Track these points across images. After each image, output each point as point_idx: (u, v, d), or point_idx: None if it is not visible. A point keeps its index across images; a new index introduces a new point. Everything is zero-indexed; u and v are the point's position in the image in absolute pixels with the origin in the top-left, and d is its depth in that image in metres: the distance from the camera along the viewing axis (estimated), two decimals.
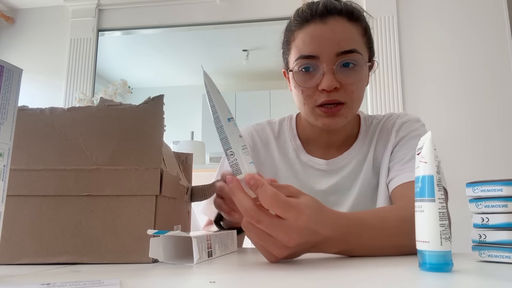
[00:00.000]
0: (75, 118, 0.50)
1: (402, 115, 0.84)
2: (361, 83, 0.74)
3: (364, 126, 0.85)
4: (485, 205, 0.46)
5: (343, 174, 0.81)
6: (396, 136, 0.79)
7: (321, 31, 0.72)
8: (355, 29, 0.74)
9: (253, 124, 0.92)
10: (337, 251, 0.50)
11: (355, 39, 0.73)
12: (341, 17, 0.72)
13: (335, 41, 0.71)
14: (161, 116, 0.50)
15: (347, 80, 0.72)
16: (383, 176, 0.78)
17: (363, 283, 0.34)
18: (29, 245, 0.46)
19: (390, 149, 0.79)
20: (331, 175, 0.82)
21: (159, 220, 0.48)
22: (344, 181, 0.81)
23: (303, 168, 0.84)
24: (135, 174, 0.47)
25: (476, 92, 2.30)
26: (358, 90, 0.74)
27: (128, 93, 3.05)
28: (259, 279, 0.37)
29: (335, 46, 0.71)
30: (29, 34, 2.99)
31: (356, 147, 0.83)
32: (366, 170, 0.81)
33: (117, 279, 0.34)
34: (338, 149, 0.84)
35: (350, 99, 0.73)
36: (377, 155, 0.81)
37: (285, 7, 2.60)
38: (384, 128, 0.83)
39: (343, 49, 0.71)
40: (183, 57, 4.18)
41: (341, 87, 0.72)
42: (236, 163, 0.45)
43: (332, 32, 0.71)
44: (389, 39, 2.42)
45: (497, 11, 2.35)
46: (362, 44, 0.75)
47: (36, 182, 0.47)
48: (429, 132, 0.43)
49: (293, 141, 0.87)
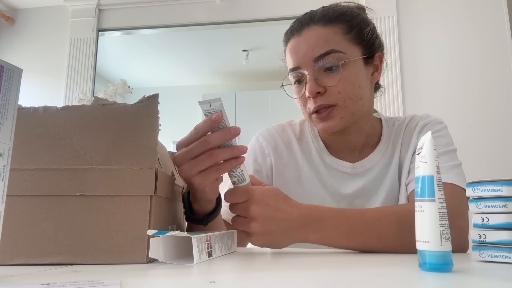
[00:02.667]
0: (69, 117, 0.49)
1: (424, 116, 0.83)
2: (348, 81, 0.73)
3: (386, 128, 0.84)
4: (485, 205, 0.45)
5: (370, 177, 0.81)
6: (418, 138, 0.79)
7: (297, 43, 0.76)
8: (331, 30, 0.75)
9: (273, 125, 0.92)
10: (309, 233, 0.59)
11: (331, 40, 0.74)
12: (315, 25, 0.75)
13: (309, 48, 0.74)
14: (156, 115, 0.49)
15: (330, 82, 0.73)
16: (403, 178, 0.78)
17: (363, 283, 0.34)
18: (22, 246, 0.45)
19: (411, 151, 0.79)
20: (357, 178, 0.81)
21: (154, 220, 0.47)
22: (370, 184, 0.80)
23: (328, 170, 0.83)
24: (129, 174, 0.47)
25: (476, 92, 2.29)
26: (347, 89, 0.73)
27: (128, 93, 3.05)
28: (259, 279, 0.37)
29: (310, 52, 0.74)
30: (29, 34, 2.99)
31: (380, 150, 0.82)
32: (392, 174, 0.80)
33: (117, 279, 0.34)
34: (360, 151, 0.83)
35: (340, 100, 0.73)
36: (402, 159, 0.81)
37: (285, 7, 2.60)
38: (408, 131, 0.82)
39: (318, 53, 0.73)
40: (183, 57, 4.18)
41: (326, 91, 0.73)
42: (242, 173, 0.56)
43: (306, 41, 0.75)
44: (389, 39, 2.41)
45: (497, 11, 2.34)
46: (343, 42, 0.74)
47: (29, 181, 0.46)
48: (429, 133, 0.43)
49: (315, 142, 0.86)
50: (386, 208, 0.67)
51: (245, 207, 0.56)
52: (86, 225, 0.46)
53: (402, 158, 0.80)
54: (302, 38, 0.76)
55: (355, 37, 0.76)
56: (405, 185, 0.77)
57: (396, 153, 0.81)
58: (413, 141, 0.80)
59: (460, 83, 2.31)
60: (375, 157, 0.82)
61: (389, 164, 0.81)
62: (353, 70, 0.74)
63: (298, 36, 0.76)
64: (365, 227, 0.60)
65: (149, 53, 4.03)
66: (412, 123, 0.83)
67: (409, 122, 0.84)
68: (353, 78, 0.74)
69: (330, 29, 0.75)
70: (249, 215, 0.56)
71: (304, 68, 0.74)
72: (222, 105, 0.51)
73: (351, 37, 0.75)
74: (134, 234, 0.45)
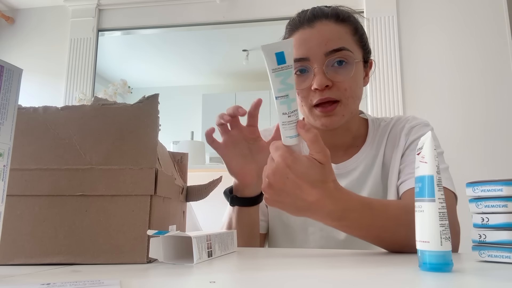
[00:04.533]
0: (69, 117, 0.49)
1: (411, 118, 0.83)
2: (354, 80, 0.75)
3: (372, 129, 0.85)
4: (485, 205, 0.45)
5: (352, 177, 0.81)
6: (406, 140, 0.79)
7: (309, 34, 0.75)
8: (343, 29, 0.76)
9: (260, 130, 0.92)
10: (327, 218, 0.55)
11: (343, 38, 0.75)
12: (328, 20, 0.76)
13: (323, 41, 0.74)
14: (156, 115, 0.49)
15: (339, 78, 0.73)
16: (393, 179, 0.78)
17: (363, 283, 0.34)
18: (22, 246, 0.45)
19: (399, 153, 0.79)
20: (340, 179, 0.81)
21: (153, 220, 0.47)
22: (353, 184, 0.81)
23: None
24: (129, 174, 0.47)
25: (476, 92, 2.29)
26: (352, 88, 0.74)
27: (128, 93, 3.05)
28: (259, 279, 0.37)
29: (323, 46, 0.73)
30: (29, 34, 2.98)
31: (365, 150, 0.83)
32: (375, 174, 0.80)
33: (117, 279, 0.34)
34: (345, 151, 0.84)
35: (344, 97, 0.74)
36: (386, 159, 0.81)
37: (285, 7, 2.60)
38: (394, 132, 0.83)
39: (331, 48, 0.73)
40: (183, 57, 4.18)
41: (333, 85, 0.74)
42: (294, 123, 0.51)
43: (319, 34, 0.75)
44: (389, 39, 2.41)
45: (497, 11, 2.34)
46: (352, 43, 0.76)
47: (29, 181, 0.46)
48: (429, 133, 0.43)
49: None
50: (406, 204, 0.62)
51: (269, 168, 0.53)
52: (86, 225, 0.46)
53: (387, 159, 0.81)
54: (315, 30, 0.75)
55: (359, 40, 0.78)
56: (395, 187, 0.77)
57: (380, 153, 0.82)
58: (400, 142, 0.80)
59: (460, 83, 2.31)
60: (358, 158, 0.82)
61: (373, 164, 0.81)
62: (358, 70, 0.76)
63: (310, 28, 0.76)
64: (384, 223, 0.58)
65: (149, 53, 4.02)
66: (398, 124, 0.83)
67: (395, 124, 0.84)
68: (358, 78, 0.76)
69: (342, 27, 0.76)
70: (268, 179, 0.53)
71: (313, 60, 0.74)
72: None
73: (356, 39, 0.78)
74: (134, 234, 0.45)
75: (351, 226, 0.58)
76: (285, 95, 0.49)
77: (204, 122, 4.48)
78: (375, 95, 2.36)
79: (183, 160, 0.68)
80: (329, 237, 0.79)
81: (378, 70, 2.38)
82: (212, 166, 2.58)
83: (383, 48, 2.40)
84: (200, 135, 4.23)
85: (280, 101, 0.49)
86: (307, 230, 0.81)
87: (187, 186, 0.66)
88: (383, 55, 2.39)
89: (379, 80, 2.37)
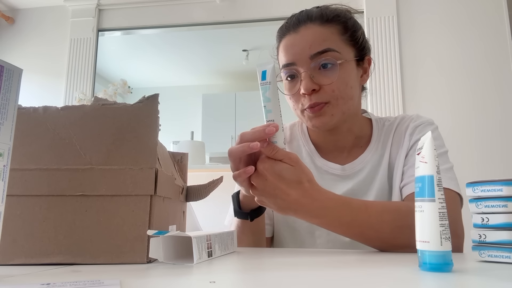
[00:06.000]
0: (69, 117, 0.49)
1: (415, 117, 0.82)
2: (342, 80, 0.74)
3: (376, 129, 0.84)
4: (485, 205, 0.45)
5: (359, 179, 0.81)
6: (410, 140, 0.79)
7: (294, 39, 0.76)
8: (329, 30, 0.76)
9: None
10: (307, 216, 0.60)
11: (329, 39, 0.75)
12: (312, 23, 0.76)
13: (306, 45, 0.74)
14: (156, 115, 0.49)
15: (325, 81, 0.73)
16: (397, 180, 0.78)
17: (363, 283, 0.34)
18: (22, 246, 0.45)
19: (404, 153, 0.79)
20: (346, 180, 0.81)
21: (153, 220, 0.47)
22: (359, 186, 0.80)
23: (319, 173, 0.83)
24: (129, 174, 0.47)
25: (476, 92, 2.29)
26: (340, 88, 0.74)
27: (128, 93, 3.04)
28: (259, 279, 0.37)
29: (307, 50, 0.74)
30: (29, 34, 2.98)
31: (370, 151, 0.82)
32: (381, 175, 0.80)
33: (117, 279, 0.34)
34: (349, 152, 0.83)
35: (333, 98, 0.74)
36: (391, 160, 0.81)
37: (285, 7, 2.60)
38: (399, 132, 0.82)
39: (315, 50, 0.73)
40: (183, 57, 4.18)
41: (321, 88, 0.74)
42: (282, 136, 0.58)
43: (303, 38, 0.75)
44: (389, 39, 2.41)
45: (497, 11, 2.34)
46: (340, 42, 0.76)
47: (29, 181, 0.46)
48: (429, 132, 0.43)
49: (306, 146, 0.87)
50: (390, 203, 0.68)
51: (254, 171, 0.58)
52: (86, 225, 0.46)
53: (393, 159, 0.80)
54: (299, 35, 0.76)
55: (349, 39, 0.77)
56: (398, 188, 0.77)
57: (386, 153, 0.81)
58: (405, 142, 0.79)
59: (460, 83, 2.31)
60: (364, 158, 0.82)
61: (379, 165, 0.81)
62: (347, 70, 0.75)
63: (295, 33, 0.76)
64: (366, 220, 0.60)
65: (149, 53, 4.02)
66: (403, 124, 0.83)
67: (399, 123, 0.83)
68: (347, 78, 0.75)
69: (327, 28, 0.76)
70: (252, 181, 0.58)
71: (299, 65, 0.75)
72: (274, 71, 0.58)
73: (346, 38, 0.77)
74: (134, 234, 0.45)
75: (332, 224, 0.61)
76: (264, 106, 0.58)
77: (204, 122, 4.48)
78: (375, 95, 2.36)
79: (183, 160, 0.68)
80: (336, 241, 0.78)
81: (378, 70, 2.38)
82: (212, 166, 2.58)
83: (383, 48, 2.40)
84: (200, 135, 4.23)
85: (264, 110, 0.58)
86: (314, 233, 0.81)
87: (187, 186, 0.66)
88: (383, 55, 2.39)
89: (379, 80, 2.37)
